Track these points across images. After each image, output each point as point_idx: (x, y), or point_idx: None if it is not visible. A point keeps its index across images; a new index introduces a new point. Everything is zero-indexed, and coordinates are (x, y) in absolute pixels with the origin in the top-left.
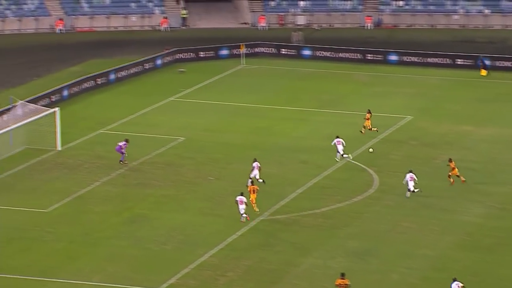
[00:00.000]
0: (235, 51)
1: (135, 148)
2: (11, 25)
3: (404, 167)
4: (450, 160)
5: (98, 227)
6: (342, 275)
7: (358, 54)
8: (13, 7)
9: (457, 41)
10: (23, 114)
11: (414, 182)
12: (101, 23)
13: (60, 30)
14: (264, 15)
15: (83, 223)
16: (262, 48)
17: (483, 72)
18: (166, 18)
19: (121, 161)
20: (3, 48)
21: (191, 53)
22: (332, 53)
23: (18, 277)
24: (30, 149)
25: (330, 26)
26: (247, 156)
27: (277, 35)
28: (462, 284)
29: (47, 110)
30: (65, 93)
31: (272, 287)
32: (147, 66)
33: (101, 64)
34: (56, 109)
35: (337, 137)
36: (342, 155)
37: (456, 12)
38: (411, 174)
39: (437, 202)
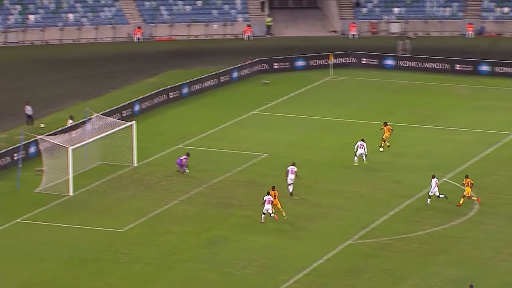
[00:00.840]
0: (322, 62)
1: (215, 165)
2: (88, 34)
3: (509, 189)
4: (466, 177)
5: (175, 248)
6: None
7: (458, 65)
8: (89, 14)
9: None
10: (98, 128)
11: (438, 188)
12: (181, 32)
13: (138, 39)
14: (355, 23)
15: (160, 244)
16: (352, 58)
17: None
18: (249, 26)
19: (178, 171)
20: (79, 58)
21: (276, 63)
22: (439, 64)
23: None
24: (105, 165)
25: (426, 34)
26: (335, 175)
27: (368, 44)
28: None
29: (124, 123)
30: (141, 106)
31: None
32: (228, 77)
33: (180, 75)
34: (133, 122)
35: (362, 140)
36: (355, 156)
37: None
38: (436, 179)
39: None
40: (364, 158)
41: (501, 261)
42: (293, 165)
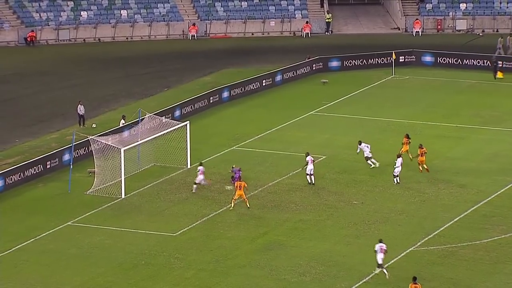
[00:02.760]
0: (384, 60)
1: (271, 167)
2: (141, 31)
3: None
4: (420, 146)
5: (230, 254)
6: (414, 280)
7: None
8: (143, 11)
9: None
10: (151, 128)
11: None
12: (236, 29)
13: (193, 36)
14: (419, 20)
15: (214, 249)
16: (416, 57)
17: (500, 75)
18: (308, 23)
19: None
20: (132, 56)
21: (336, 62)
22: (509, 63)
23: None
24: (158, 167)
25: (495, 31)
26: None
27: (433, 42)
28: (385, 248)
29: (177, 124)
30: (195, 106)
31: None
32: (285, 76)
33: (235, 74)
34: (187, 123)
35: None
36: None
37: None
38: (401, 159)
39: None
40: (370, 161)
41: None
42: (309, 155)
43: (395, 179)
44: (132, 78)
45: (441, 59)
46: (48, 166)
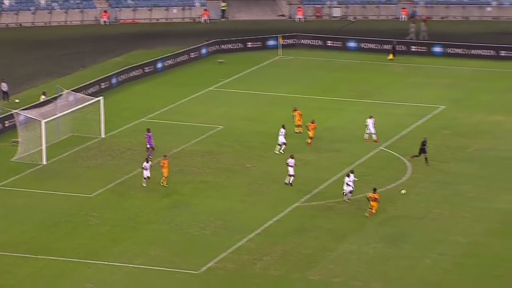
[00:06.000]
0: (272, 43)
1: (175, 136)
2: (58, 17)
3: (437, 156)
4: (313, 122)
5: (140, 212)
6: (374, 190)
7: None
8: None
9: (490, 32)
10: (69, 103)
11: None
12: (143, 15)
13: (105, 22)
14: (301, 7)
15: (126, 208)
16: (299, 40)
17: (391, 56)
18: (206, 10)
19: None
20: (50, 39)
21: (230, 45)
22: (376, 45)
23: (64, 259)
24: (76, 137)
25: (365, 18)
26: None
27: (313, 27)
28: (292, 164)
29: (92, 99)
30: (109, 83)
31: (307, 271)
32: (187, 57)
33: (143, 55)
34: (101, 98)
35: (283, 126)
36: (278, 145)
37: (489, 4)
38: (352, 175)
39: (469, 189)
40: (283, 147)
41: (431, 220)
42: (283, 127)
43: (345, 197)
44: (51, 59)
45: (326, 42)
46: None
